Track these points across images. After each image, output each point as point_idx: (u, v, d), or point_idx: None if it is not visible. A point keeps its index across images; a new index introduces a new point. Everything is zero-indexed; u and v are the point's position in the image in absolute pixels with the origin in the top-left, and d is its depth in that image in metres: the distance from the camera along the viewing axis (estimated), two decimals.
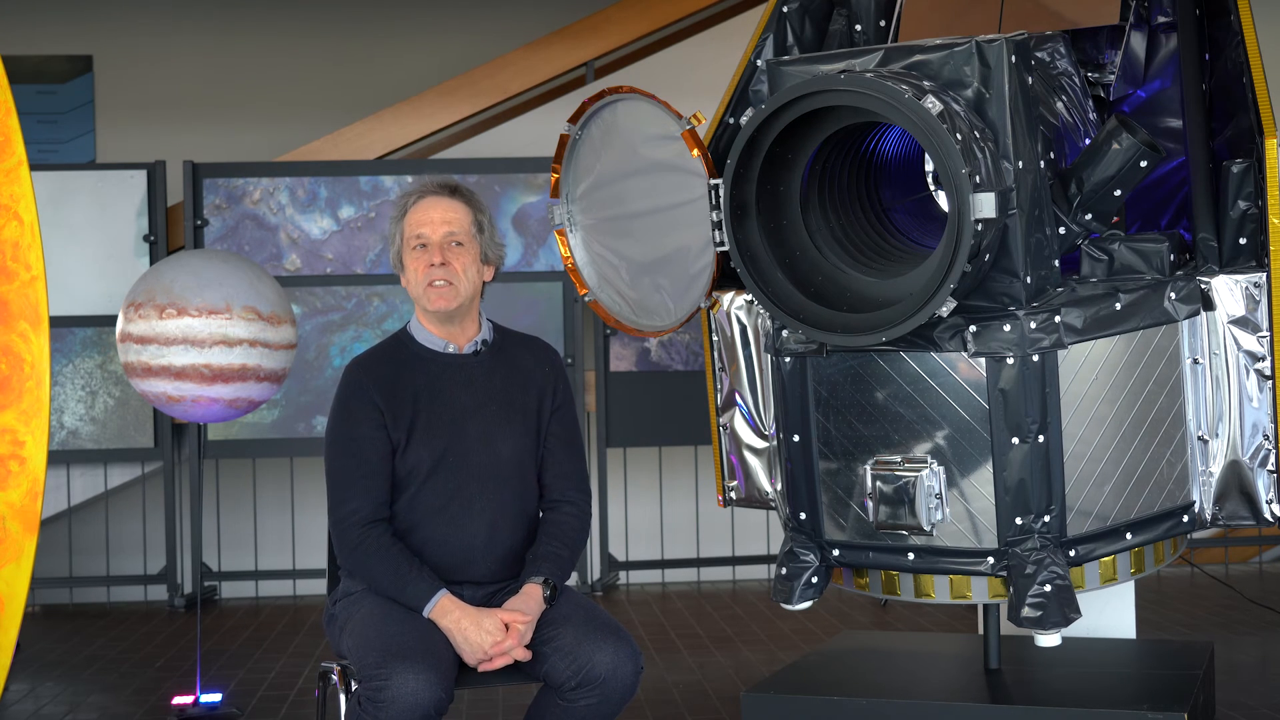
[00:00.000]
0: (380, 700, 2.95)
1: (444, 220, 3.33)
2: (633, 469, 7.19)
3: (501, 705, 4.83)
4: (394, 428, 3.28)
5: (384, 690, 2.95)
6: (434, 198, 3.36)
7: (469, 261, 3.33)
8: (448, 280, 3.30)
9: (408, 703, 2.94)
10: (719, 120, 3.88)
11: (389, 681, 2.95)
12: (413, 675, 2.96)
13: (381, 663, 2.99)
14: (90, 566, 7.03)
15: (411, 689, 2.95)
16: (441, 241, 3.31)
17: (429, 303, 3.32)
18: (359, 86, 7.76)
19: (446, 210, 3.34)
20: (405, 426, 3.28)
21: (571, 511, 3.37)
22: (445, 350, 3.37)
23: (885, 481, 3.33)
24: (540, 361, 3.44)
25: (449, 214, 3.33)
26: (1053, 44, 3.55)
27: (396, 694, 2.94)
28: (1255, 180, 3.42)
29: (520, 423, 3.35)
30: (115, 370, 6.63)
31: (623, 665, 3.11)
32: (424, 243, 3.32)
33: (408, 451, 3.27)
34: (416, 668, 2.97)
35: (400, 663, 2.97)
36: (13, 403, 3.81)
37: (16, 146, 3.86)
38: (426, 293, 3.31)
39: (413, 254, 3.33)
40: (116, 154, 7.48)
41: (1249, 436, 3.45)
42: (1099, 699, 3.42)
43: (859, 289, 3.31)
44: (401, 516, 3.28)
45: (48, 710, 4.97)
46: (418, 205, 3.35)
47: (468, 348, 3.38)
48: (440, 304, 3.31)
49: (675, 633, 6.02)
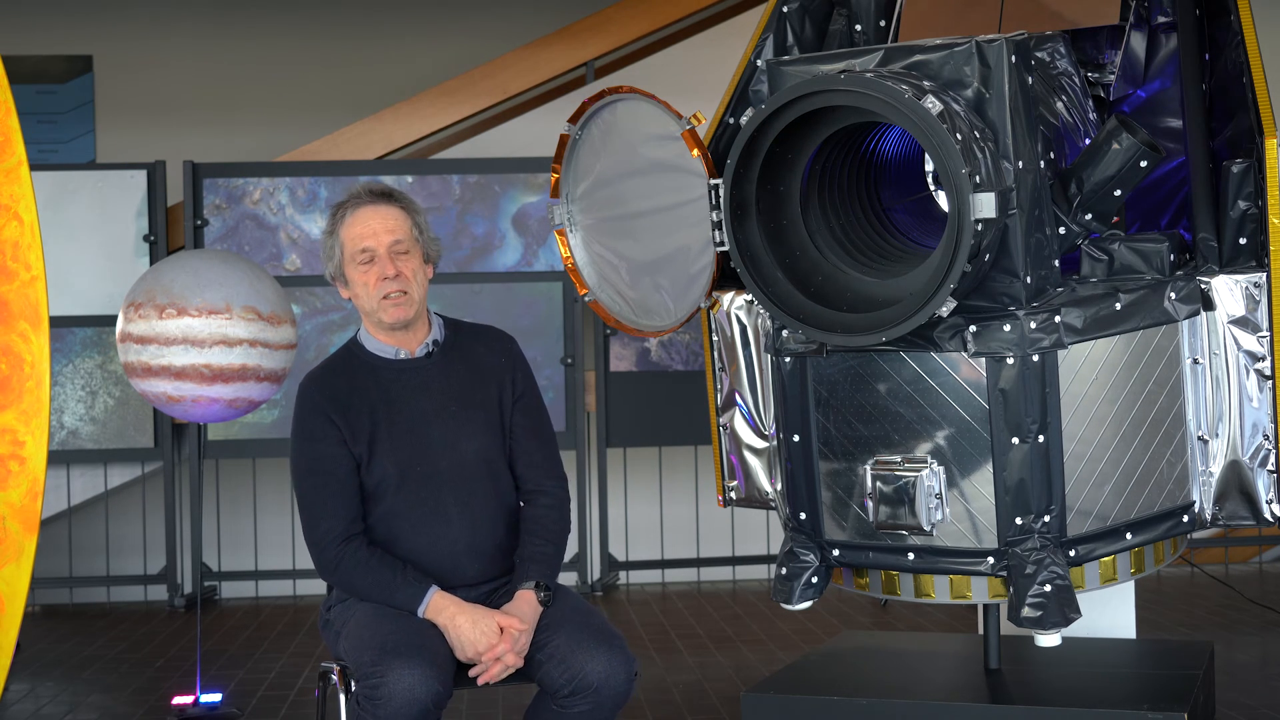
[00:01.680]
0: (377, 698, 2.95)
1: (386, 229, 3.26)
2: (633, 469, 7.19)
3: (501, 705, 4.83)
4: (354, 442, 3.24)
5: (380, 687, 2.95)
6: (370, 207, 3.28)
7: (416, 266, 3.29)
8: (402, 290, 3.25)
9: (405, 698, 2.94)
10: (719, 120, 3.88)
11: (385, 679, 2.95)
12: (408, 671, 2.95)
13: (377, 660, 2.98)
14: (90, 566, 7.03)
15: (407, 684, 2.94)
16: (388, 251, 3.26)
17: (386, 315, 3.27)
18: (359, 86, 7.76)
19: (386, 218, 3.27)
20: (365, 440, 3.25)
21: (549, 503, 3.34)
22: (397, 356, 3.32)
23: (885, 481, 3.33)
24: (495, 352, 3.39)
25: (389, 221, 3.27)
26: (1053, 44, 3.55)
27: (393, 690, 2.94)
28: (1255, 180, 3.42)
29: (483, 420, 3.31)
30: (115, 370, 6.63)
31: (616, 673, 3.10)
32: (370, 255, 3.26)
33: (372, 465, 3.24)
34: (412, 663, 2.97)
35: (395, 659, 2.97)
36: (13, 403, 3.82)
37: (16, 146, 3.86)
38: (382, 305, 3.26)
39: (359, 268, 3.26)
40: (116, 154, 7.48)
41: (1249, 436, 3.45)
42: (1099, 699, 3.42)
43: (859, 289, 3.31)
44: (379, 529, 3.27)
45: (48, 710, 4.97)
46: (355, 216, 3.28)
47: (419, 351, 3.34)
48: (398, 314, 3.27)
49: (675, 633, 6.02)
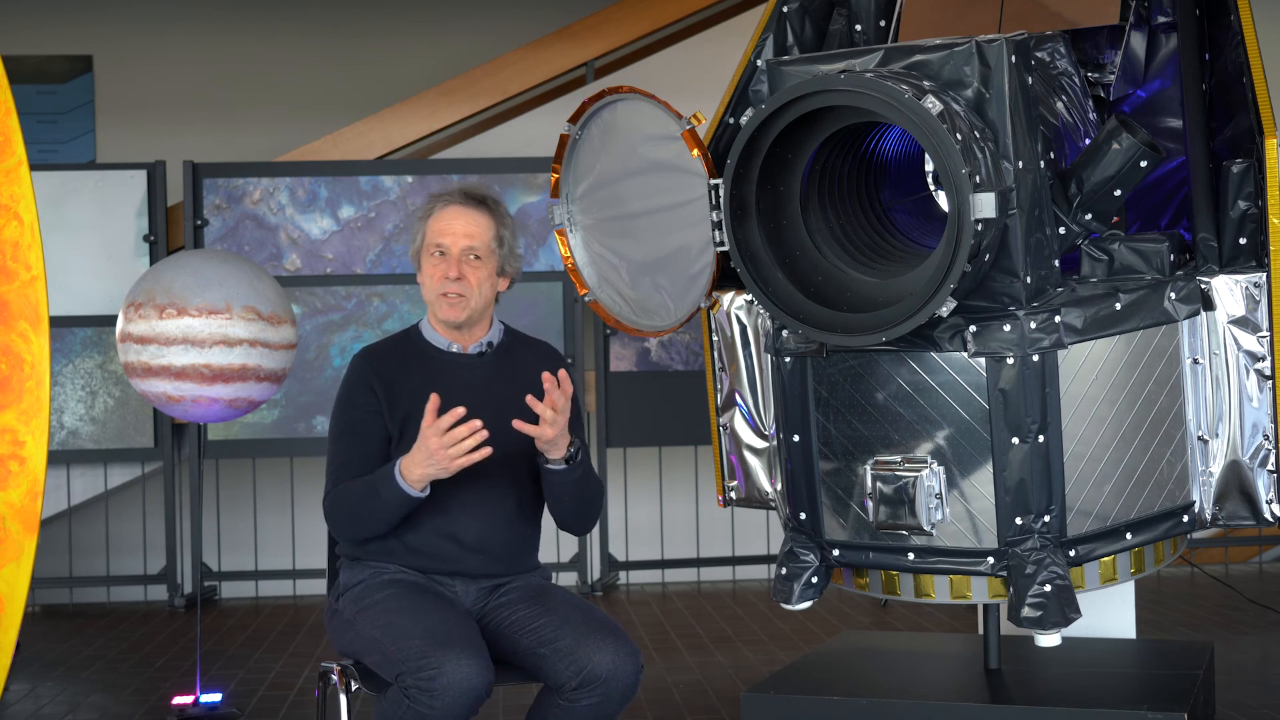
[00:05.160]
0: (434, 689, 2.97)
1: (465, 233, 3.35)
2: (633, 469, 7.19)
3: (502, 705, 4.83)
4: (390, 419, 3.32)
5: (437, 679, 2.97)
6: (460, 207, 3.38)
7: (484, 276, 3.38)
8: (460, 294, 3.35)
9: (462, 688, 2.98)
10: (719, 120, 3.88)
11: (441, 669, 2.98)
12: (465, 661, 3.00)
13: (428, 651, 3.01)
14: (90, 566, 7.03)
15: (465, 674, 2.98)
16: (459, 255, 3.35)
17: (440, 311, 3.38)
18: (359, 86, 7.76)
19: (469, 223, 3.36)
20: (401, 418, 3.31)
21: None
22: (449, 349, 3.41)
23: (885, 481, 3.33)
24: (543, 365, 3.45)
25: (471, 227, 3.36)
26: (1053, 44, 3.55)
27: (451, 681, 2.97)
28: (1255, 180, 3.42)
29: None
30: (115, 370, 6.63)
31: (623, 665, 3.12)
32: (442, 251, 3.36)
33: (401, 444, 3.29)
34: (465, 653, 3.01)
35: (448, 650, 3.01)
36: (13, 403, 3.81)
37: (16, 146, 3.86)
38: (438, 301, 3.37)
39: (430, 259, 3.38)
40: (116, 154, 7.48)
41: (1249, 436, 3.45)
42: (1099, 699, 3.42)
43: (859, 289, 3.31)
44: None
45: (48, 710, 4.97)
46: (443, 212, 3.38)
47: (472, 348, 3.42)
48: (450, 314, 3.36)
49: (675, 633, 6.02)
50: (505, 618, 3.26)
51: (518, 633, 3.22)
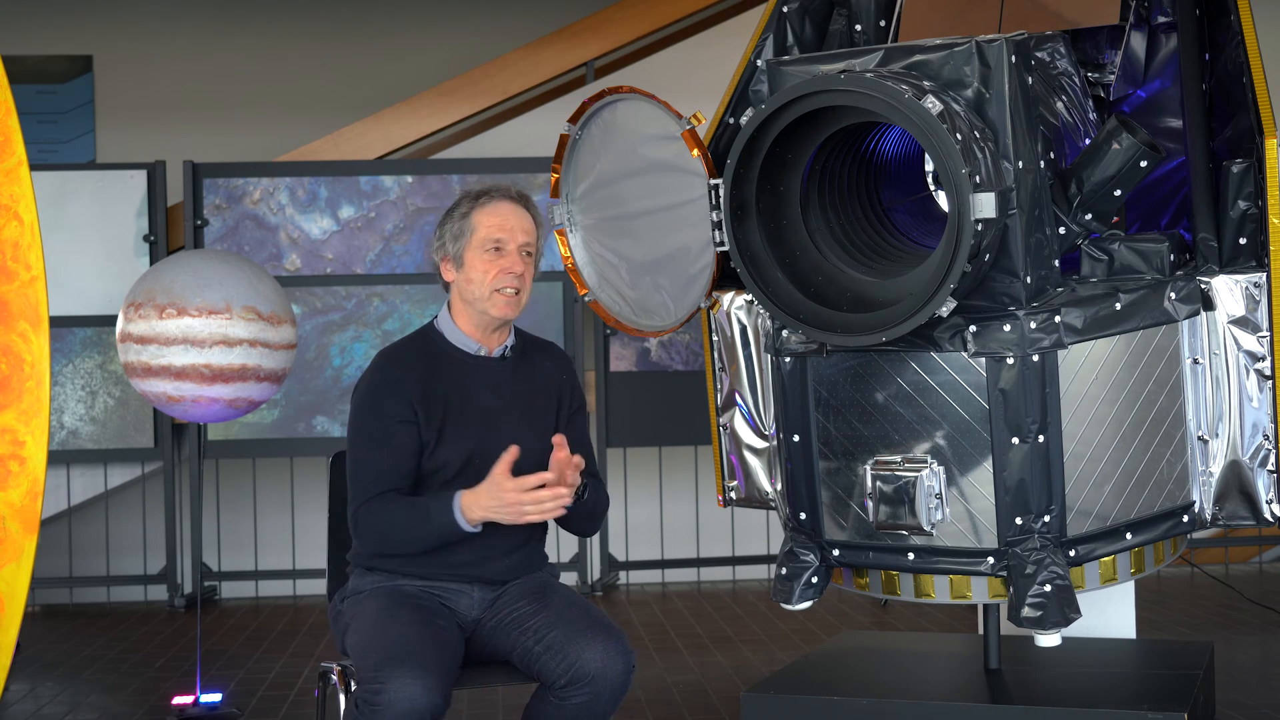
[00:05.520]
0: (376, 704, 2.94)
1: (523, 229, 3.32)
2: (633, 469, 7.19)
3: (501, 705, 4.83)
4: (426, 427, 3.27)
5: (381, 694, 2.93)
6: (512, 204, 3.34)
7: (530, 276, 3.35)
8: (517, 289, 3.31)
9: (403, 708, 2.92)
10: (719, 120, 3.88)
11: (386, 685, 2.93)
12: (410, 680, 2.94)
13: (379, 666, 2.98)
14: (90, 566, 7.03)
15: (408, 694, 2.93)
16: (518, 250, 3.31)
17: (494, 309, 3.30)
18: (359, 86, 7.76)
19: (524, 219, 3.34)
20: (436, 426, 3.27)
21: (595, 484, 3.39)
22: (476, 352, 3.37)
23: (885, 481, 3.33)
24: (558, 367, 3.47)
25: (526, 223, 3.34)
26: (1053, 44, 3.55)
27: (393, 698, 2.92)
28: (1255, 180, 3.42)
29: (541, 426, 3.36)
30: (115, 370, 6.63)
31: (613, 663, 3.10)
32: (498, 247, 3.30)
33: (436, 451, 3.27)
34: (414, 672, 2.95)
35: (398, 667, 2.96)
36: (13, 403, 3.81)
37: (16, 146, 3.86)
38: (494, 297, 3.29)
39: (484, 254, 3.30)
40: (116, 154, 7.48)
41: (1249, 436, 3.45)
42: (1099, 699, 3.42)
43: (859, 289, 3.31)
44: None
45: (48, 710, 4.97)
46: (495, 206, 3.33)
47: (497, 351, 3.39)
48: (506, 311, 3.31)
49: (675, 633, 6.02)
50: (506, 615, 3.26)
51: (517, 629, 3.21)
